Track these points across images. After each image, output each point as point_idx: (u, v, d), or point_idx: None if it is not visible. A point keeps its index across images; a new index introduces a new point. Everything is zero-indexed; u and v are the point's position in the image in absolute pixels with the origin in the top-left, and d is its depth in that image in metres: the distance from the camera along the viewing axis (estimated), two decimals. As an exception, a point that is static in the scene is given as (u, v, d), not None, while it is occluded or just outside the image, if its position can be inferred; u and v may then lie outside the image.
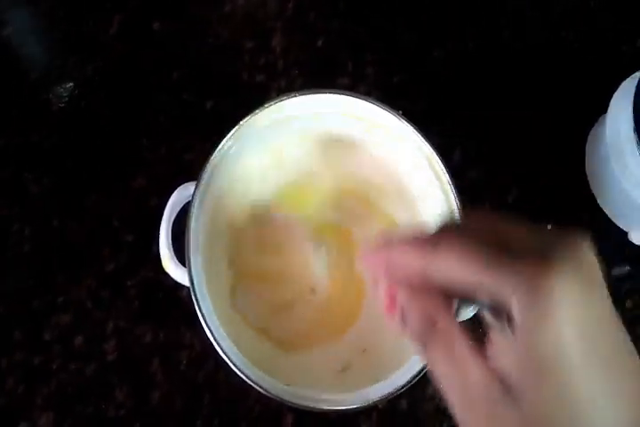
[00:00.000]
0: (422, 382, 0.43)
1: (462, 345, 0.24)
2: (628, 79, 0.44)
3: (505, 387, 0.22)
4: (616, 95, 0.44)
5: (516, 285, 0.21)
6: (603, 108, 0.45)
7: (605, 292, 0.22)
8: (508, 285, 0.21)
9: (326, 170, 0.43)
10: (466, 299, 0.26)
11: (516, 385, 0.22)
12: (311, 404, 0.35)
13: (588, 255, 0.22)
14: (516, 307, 0.21)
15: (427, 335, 0.24)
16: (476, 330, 0.26)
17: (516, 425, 0.22)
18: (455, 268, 0.23)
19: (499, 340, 0.23)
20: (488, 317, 0.24)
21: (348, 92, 0.40)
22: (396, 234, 0.26)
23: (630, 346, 0.22)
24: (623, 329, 0.22)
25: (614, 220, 0.48)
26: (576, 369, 0.21)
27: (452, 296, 0.25)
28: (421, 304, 0.25)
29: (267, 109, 0.39)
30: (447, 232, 0.26)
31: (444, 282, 0.24)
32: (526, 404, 0.21)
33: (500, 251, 0.22)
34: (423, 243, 0.25)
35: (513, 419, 0.22)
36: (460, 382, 0.23)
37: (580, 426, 0.21)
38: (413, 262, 0.25)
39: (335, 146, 0.43)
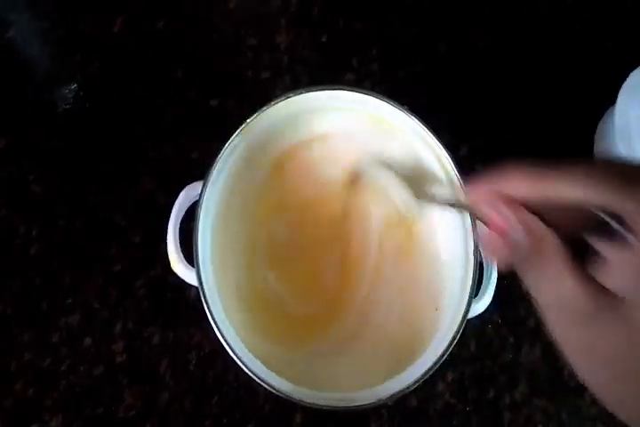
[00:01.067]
0: (432, 379, 0.43)
1: (566, 264, 0.25)
2: (636, 70, 0.44)
3: (611, 303, 0.23)
4: (624, 86, 0.44)
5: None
6: (611, 100, 0.45)
7: None
8: (635, 202, 0.22)
9: (336, 164, 0.42)
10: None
11: (630, 302, 0.22)
12: (321, 402, 0.35)
13: None
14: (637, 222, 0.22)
15: (534, 257, 0.25)
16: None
17: (617, 341, 0.23)
18: (582, 188, 0.23)
19: (613, 258, 0.23)
20: (597, 237, 0.24)
21: (354, 88, 0.40)
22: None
23: None
24: None
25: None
26: None
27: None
28: (532, 224, 0.26)
29: (273, 107, 0.39)
30: (561, 165, 0.26)
31: (565, 204, 0.24)
32: (637, 320, 0.22)
33: (625, 177, 0.23)
34: (544, 168, 0.25)
35: (615, 335, 0.23)
36: (562, 299, 0.24)
37: None
38: (536, 187, 0.25)
39: (342, 140, 0.42)
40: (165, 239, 0.38)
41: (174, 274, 0.38)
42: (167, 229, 0.38)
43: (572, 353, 0.25)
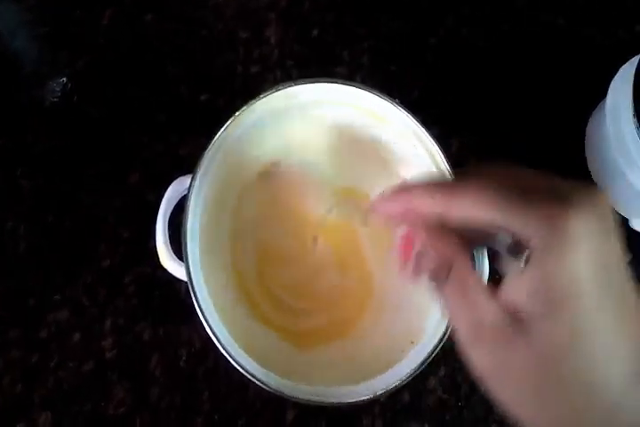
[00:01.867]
0: (424, 374, 0.43)
1: (475, 283, 0.25)
2: (626, 64, 0.44)
3: (515, 320, 0.23)
4: (615, 80, 0.44)
5: (536, 221, 0.22)
6: (602, 94, 0.45)
7: (616, 233, 0.23)
8: (529, 221, 0.23)
9: (324, 158, 0.42)
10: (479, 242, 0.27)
11: (529, 316, 0.23)
12: (313, 398, 0.35)
13: (603, 199, 0.23)
14: (535, 240, 0.22)
15: (442, 274, 0.26)
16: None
17: (525, 356, 0.23)
18: (476, 207, 0.24)
19: (513, 275, 0.24)
20: (503, 253, 0.25)
21: (344, 81, 0.40)
22: (412, 181, 0.28)
23: (632, 284, 0.23)
24: (627, 268, 0.23)
25: (615, 207, 0.47)
26: (590, 299, 0.22)
27: (466, 239, 0.26)
28: (439, 244, 0.26)
29: (262, 100, 0.38)
30: (465, 176, 0.26)
31: (462, 222, 0.25)
32: (537, 333, 0.23)
33: (519, 191, 0.23)
34: (442, 185, 0.26)
35: (522, 350, 0.23)
36: (470, 317, 0.24)
37: (591, 354, 0.22)
38: (432, 204, 0.26)
39: (332, 134, 0.42)
40: (154, 236, 0.38)
41: (164, 270, 0.38)
42: (156, 224, 0.38)
43: (488, 378, 0.25)
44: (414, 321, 0.39)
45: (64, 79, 0.48)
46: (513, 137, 0.49)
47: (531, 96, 0.50)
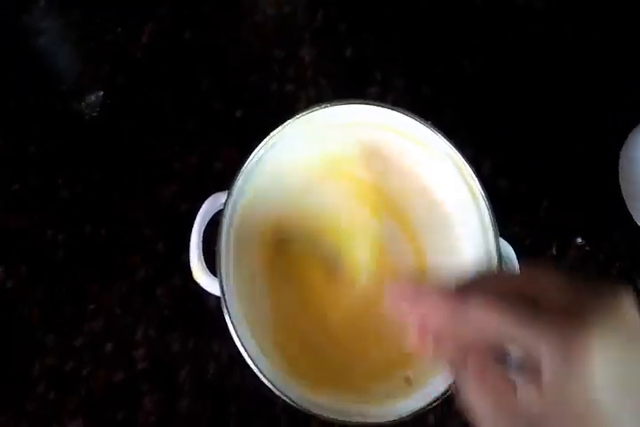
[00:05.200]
0: (449, 398, 0.43)
1: (494, 374, 0.24)
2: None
3: (532, 422, 0.22)
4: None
5: (548, 341, 0.21)
6: (637, 117, 0.44)
7: None
8: (540, 340, 0.21)
9: (357, 181, 0.42)
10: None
11: (542, 425, 0.22)
12: (340, 417, 0.35)
13: (627, 312, 0.22)
14: (546, 362, 0.21)
15: (459, 365, 0.25)
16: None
17: None
18: (485, 320, 0.23)
19: (526, 385, 0.23)
20: (516, 366, 0.24)
21: (378, 103, 0.40)
22: (425, 283, 0.27)
23: None
24: None
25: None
26: (608, 425, 0.21)
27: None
28: (452, 345, 0.26)
29: (298, 120, 0.39)
30: (477, 282, 0.26)
31: (474, 331, 0.24)
32: None
33: (533, 306, 0.22)
34: (453, 296, 0.25)
35: None
36: (491, 406, 0.23)
37: None
38: (443, 316, 0.25)
39: (365, 156, 0.42)
40: (188, 249, 0.39)
41: (195, 283, 0.38)
42: (190, 238, 0.39)
43: None
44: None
45: (102, 93, 0.49)
46: (545, 159, 0.50)
47: (564, 118, 0.50)
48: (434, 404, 0.35)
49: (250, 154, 0.38)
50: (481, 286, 0.26)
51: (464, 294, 0.25)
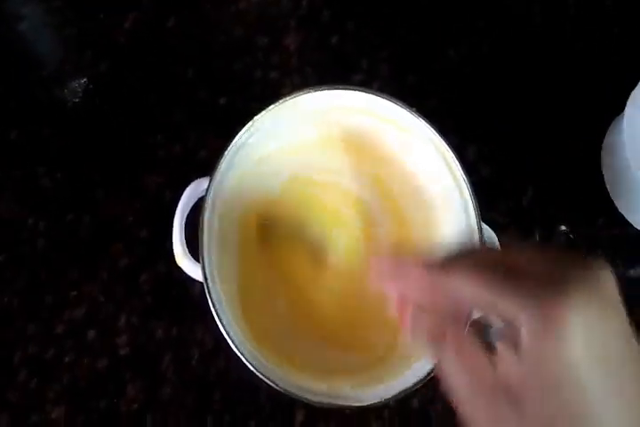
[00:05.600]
0: (433, 382, 0.43)
1: (471, 350, 0.24)
2: (645, 76, 0.44)
3: (510, 394, 0.23)
4: (634, 92, 0.44)
5: (526, 309, 0.22)
6: (620, 106, 0.45)
7: (622, 317, 0.22)
8: (519, 309, 0.22)
9: (342, 167, 0.42)
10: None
11: (521, 396, 0.22)
12: (323, 399, 0.35)
13: (604, 283, 0.22)
14: (525, 330, 0.22)
15: (437, 342, 0.25)
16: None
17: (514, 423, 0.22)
18: (466, 290, 0.24)
19: (505, 355, 0.23)
20: (495, 333, 0.24)
21: (362, 89, 0.40)
22: (408, 253, 0.28)
23: None
24: None
25: (632, 222, 0.48)
26: (584, 392, 0.21)
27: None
28: (431, 318, 0.26)
29: (281, 105, 0.39)
30: (459, 255, 0.26)
31: (454, 303, 0.25)
32: (529, 414, 0.22)
33: (512, 275, 0.23)
34: (434, 268, 0.25)
35: (515, 424, 0.22)
36: (468, 383, 0.24)
37: None
38: (423, 288, 0.26)
39: (350, 142, 0.42)
40: (171, 236, 0.38)
41: (180, 270, 0.38)
42: (173, 224, 0.38)
43: None
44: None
45: (85, 80, 0.49)
46: (529, 147, 0.50)
47: (548, 106, 0.51)
48: (417, 386, 0.35)
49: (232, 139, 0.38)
50: (462, 258, 0.26)
51: (445, 266, 0.25)
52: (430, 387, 0.43)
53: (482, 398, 0.23)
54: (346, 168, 0.43)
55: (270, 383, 0.34)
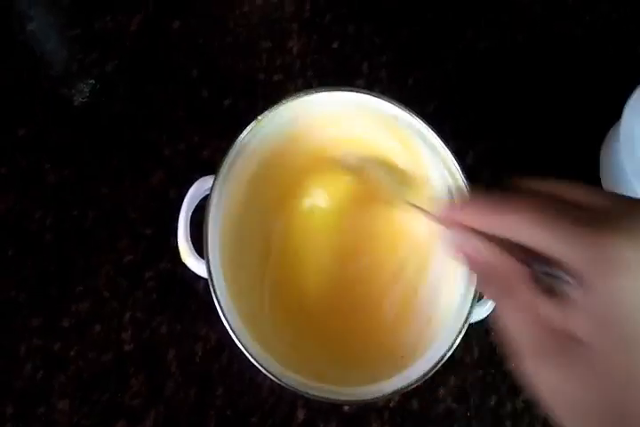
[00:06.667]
0: (434, 383, 0.44)
1: (536, 298, 0.24)
2: (642, 85, 0.44)
3: (576, 339, 0.23)
4: (631, 100, 0.44)
5: (582, 247, 0.22)
6: (617, 113, 0.45)
7: None
8: (574, 247, 0.22)
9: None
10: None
11: (588, 339, 0.22)
12: (325, 395, 0.35)
13: None
14: (584, 270, 0.22)
15: (505, 290, 0.25)
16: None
17: (585, 371, 0.22)
18: (526, 230, 0.24)
19: (567, 296, 0.23)
20: (558, 273, 0.24)
21: (365, 91, 0.41)
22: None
23: None
24: None
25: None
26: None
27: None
28: (497, 263, 0.26)
29: (285, 105, 0.40)
30: (516, 195, 0.26)
31: (515, 241, 0.25)
32: (598, 354, 0.22)
33: (565, 212, 0.23)
34: (495, 204, 0.26)
35: (583, 366, 0.22)
36: (535, 332, 0.24)
37: None
38: (487, 224, 0.26)
39: (352, 143, 0.43)
40: (176, 233, 0.39)
41: (184, 267, 0.38)
42: (178, 221, 0.39)
43: (545, 396, 0.24)
44: (424, 329, 0.40)
45: (92, 80, 0.50)
46: (527, 152, 0.50)
47: (547, 113, 0.51)
48: (419, 382, 0.36)
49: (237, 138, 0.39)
50: (514, 192, 0.26)
51: (505, 202, 0.25)
52: (430, 389, 0.44)
53: (548, 348, 0.23)
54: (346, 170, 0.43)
55: (273, 378, 0.35)
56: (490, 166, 0.50)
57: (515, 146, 0.51)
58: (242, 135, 0.39)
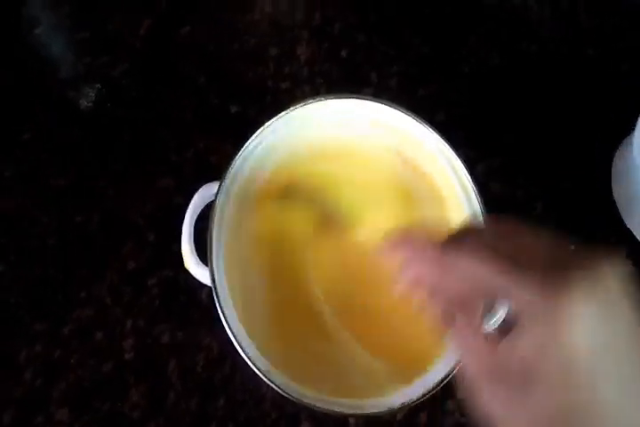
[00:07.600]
0: (442, 397, 0.43)
1: (480, 334, 0.25)
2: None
3: (519, 378, 0.23)
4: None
5: (530, 293, 0.22)
6: (630, 125, 0.45)
7: (629, 307, 0.22)
8: (523, 292, 0.22)
9: (353, 173, 0.43)
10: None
11: (529, 380, 0.22)
12: (329, 407, 0.35)
13: (611, 272, 0.22)
14: (528, 314, 0.22)
15: (448, 322, 0.26)
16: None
17: (534, 410, 0.22)
18: (474, 272, 0.24)
19: (512, 340, 0.23)
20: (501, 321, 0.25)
21: (373, 98, 0.40)
22: (417, 232, 0.28)
23: None
24: None
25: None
26: (593, 378, 0.21)
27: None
28: (441, 300, 0.27)
29: (292, 112, 0.39)
30: (468, 236, 0.26)
31: (462, 282, 0.25)
32: (537, 400, 0.22)
33: (517, 257, 0.23)
34: (445, 247, 0.26)
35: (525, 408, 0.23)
36: (478, 367, 0.24)
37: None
38: (434, 263, 0.26)
39: (361, 151, 0.43)
40: (180, 239, 0.38)
41: (187, 274, 0.38)
42: (182, 228, 0.38)
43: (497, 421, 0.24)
44: (433, 342, 0.39)
45: (99, 84, 0.50)
46: (539, 163, 0.50)
47: (559, 124, 0.51)
48: (427, 395, 0.35)
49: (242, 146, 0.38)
50: (470, 237, 0.26)
51: (455, 245, 0.25)
52: (439, 402, 0.43)
53: (493, 383, 0.24)
54: (353, 173, 0.43)
55: (277, 389, 0.34)
56: (500, 179, 0.49)
57: (526, 157, 0.50)
58: (248, 142, 0.39)
